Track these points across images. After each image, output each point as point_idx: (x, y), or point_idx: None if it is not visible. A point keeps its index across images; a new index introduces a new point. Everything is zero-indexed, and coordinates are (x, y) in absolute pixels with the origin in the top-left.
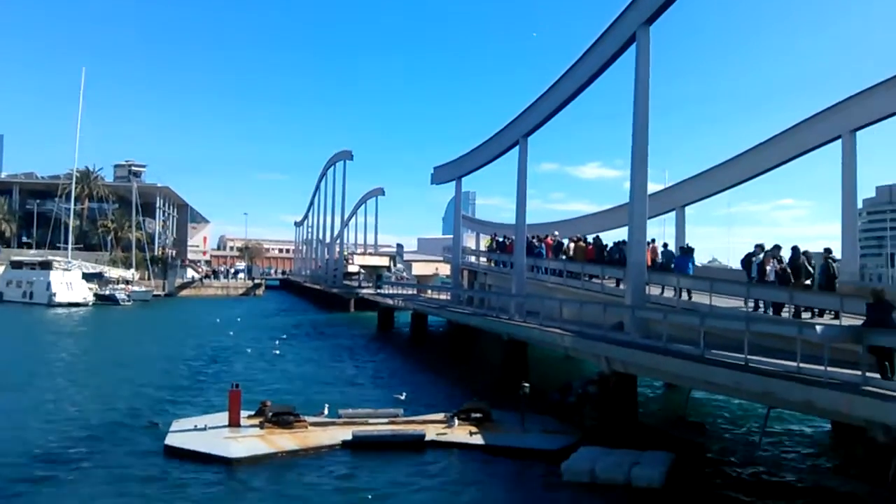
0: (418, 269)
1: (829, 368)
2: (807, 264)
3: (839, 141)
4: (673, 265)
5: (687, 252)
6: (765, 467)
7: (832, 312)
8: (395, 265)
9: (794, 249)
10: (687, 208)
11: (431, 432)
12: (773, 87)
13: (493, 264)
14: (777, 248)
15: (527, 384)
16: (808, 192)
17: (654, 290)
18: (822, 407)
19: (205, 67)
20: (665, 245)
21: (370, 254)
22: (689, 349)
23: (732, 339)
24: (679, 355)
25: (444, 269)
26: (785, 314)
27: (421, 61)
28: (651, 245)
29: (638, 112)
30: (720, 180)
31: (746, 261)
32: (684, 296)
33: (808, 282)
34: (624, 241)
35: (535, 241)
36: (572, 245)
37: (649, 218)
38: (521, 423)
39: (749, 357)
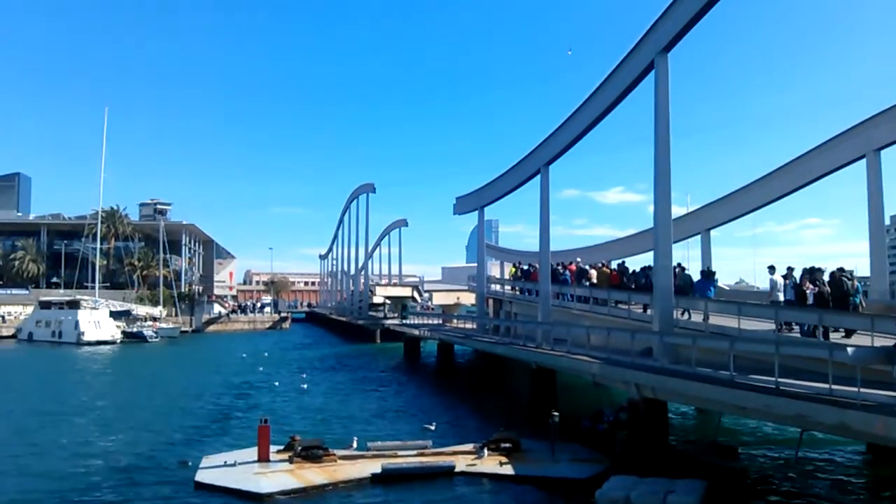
0: (439, 299)
1: (862, 390)
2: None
3: (864, 160)
4: (693, 289)
5: (708, 276)
6: (800, 491)
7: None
8: (419, 295)
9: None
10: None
11: (461, 463)
12: (794, 109)
13: (518, 292)
14: (819, 270)
15: (556, 413)
16: (834, 210)
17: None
18: (857, 429)
19: (226, 106)
20: (683, 268)
21: (393, 285)
22: (719, 374)
23: (762, 362)
24: (709, 380)
25: (465, 299)
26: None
27: (441, 92)
28: (678, 269)
29: (659, 138)
30: (745, 203)
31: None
32: (704, 318)
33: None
34: (649, 267)
35: (559, 268)
36: (594, 272)
37: (674, 242)
38: (551, 453)
39: (779, 380)
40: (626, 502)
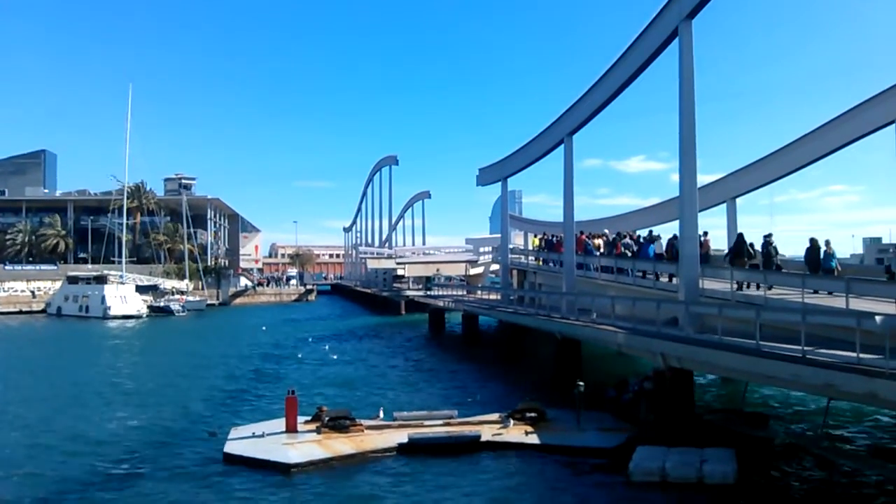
0: (414, 271)
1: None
2: (748, 248)
3: (893, 126)
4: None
5: (653, 240)
6: (830, 459)
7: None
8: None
9: (739, 236)
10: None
11: (487, 433)
12: (818, 74)
13: (542, 263)
14: None
15: (581, 382)
16: (859, 176)
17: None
18: (886, 398)
19: (250, 81)
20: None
21: (378, 257)
22: (745, 342)
23: (786, 331)
24: (735, 349)
25: (446, 270)
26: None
27: (463, 63)
28: (704, 238)
29: (684, 106)
30: (772, 170)
31: None
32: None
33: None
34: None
35: (587, 237)
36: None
37: (700, 211)
38: (576, 422)
39: (806, 349)
40: (662, 473)
